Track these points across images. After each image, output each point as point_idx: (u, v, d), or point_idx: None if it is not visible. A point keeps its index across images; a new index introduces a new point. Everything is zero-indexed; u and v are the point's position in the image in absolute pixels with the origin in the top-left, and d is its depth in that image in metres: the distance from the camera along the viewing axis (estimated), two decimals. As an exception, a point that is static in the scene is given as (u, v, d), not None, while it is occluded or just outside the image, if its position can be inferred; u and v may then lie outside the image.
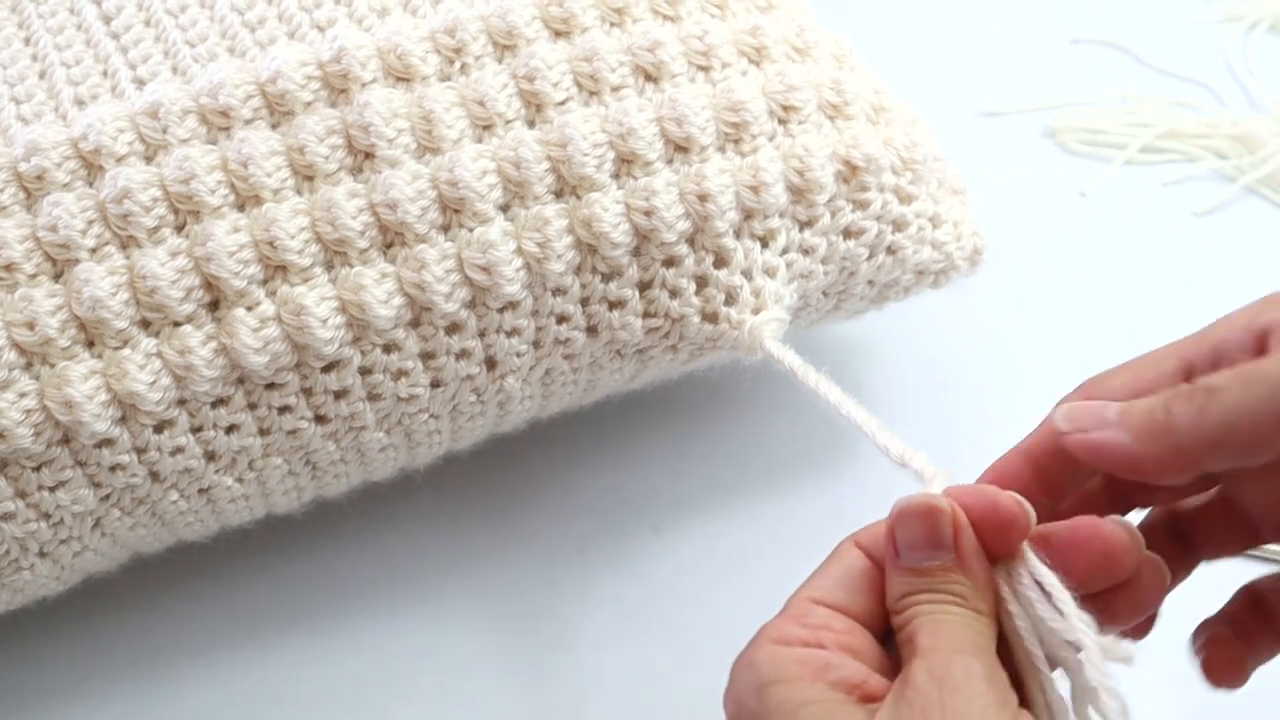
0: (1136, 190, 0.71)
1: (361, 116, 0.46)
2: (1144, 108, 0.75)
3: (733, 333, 0.48)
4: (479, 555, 0.55)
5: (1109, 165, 0.72)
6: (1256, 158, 0.71)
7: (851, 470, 0.57)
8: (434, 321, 0.46)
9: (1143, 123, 0.74)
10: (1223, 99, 0.76)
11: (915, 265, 0.53)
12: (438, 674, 0.51)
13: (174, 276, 0.43)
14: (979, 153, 0.70)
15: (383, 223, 0.45)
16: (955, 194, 0.56)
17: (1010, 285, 0.64)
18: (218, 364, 0.44)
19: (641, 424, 0.58)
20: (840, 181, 0.50)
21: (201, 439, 0.45)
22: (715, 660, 0.38)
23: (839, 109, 0.50)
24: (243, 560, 0.54)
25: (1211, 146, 0.73)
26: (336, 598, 0.53)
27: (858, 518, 0.39)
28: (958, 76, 0.76)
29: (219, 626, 0.52)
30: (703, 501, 0.56)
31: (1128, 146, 0.73)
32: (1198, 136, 0.73)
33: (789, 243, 0.49)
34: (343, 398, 0.46)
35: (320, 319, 0.44)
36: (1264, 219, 0.70)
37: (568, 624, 0.52)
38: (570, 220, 0.46)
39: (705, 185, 0.47)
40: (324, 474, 0.49)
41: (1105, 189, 0.71)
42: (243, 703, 0.50)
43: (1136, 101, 0.75)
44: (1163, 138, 0.73)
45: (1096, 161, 0.72)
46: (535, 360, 0.49)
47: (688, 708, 0.48)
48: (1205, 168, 0.72)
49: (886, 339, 0.63)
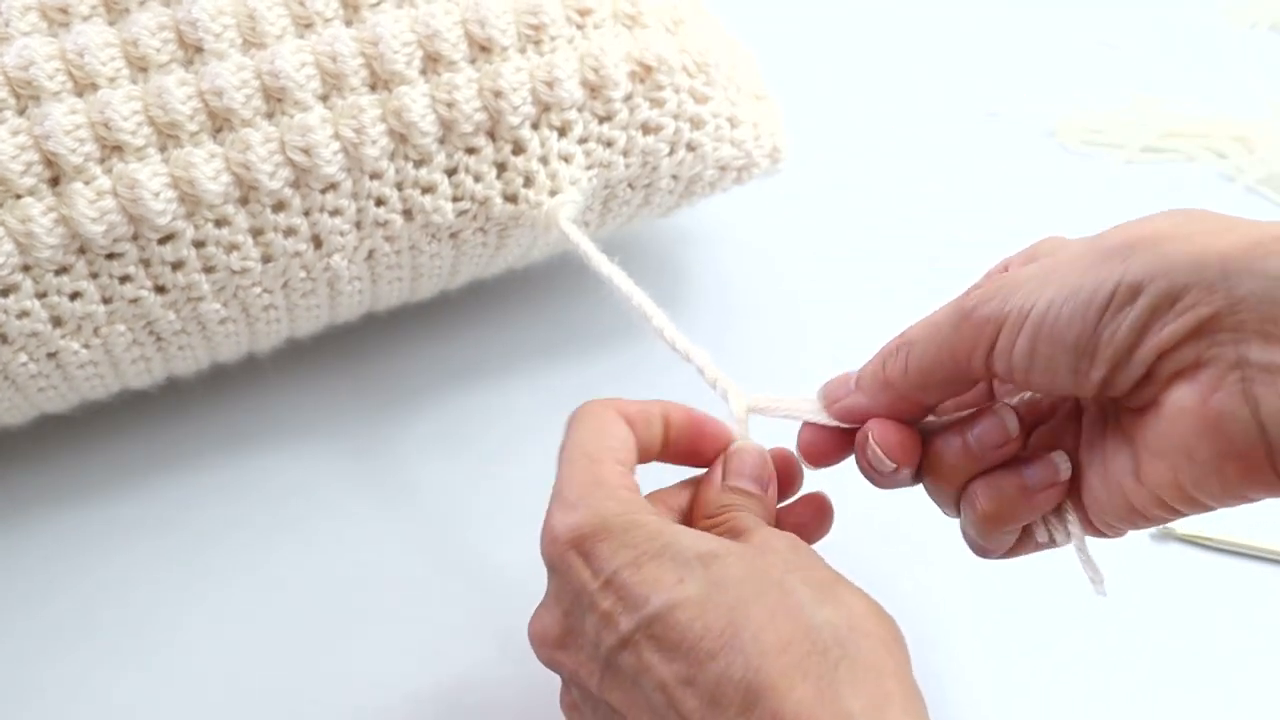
0: (1136, 190, 0.72)
1: (190, 13, 0.51)
2: (1144, 108, 0.75)
3: (531, 212, 0.54)
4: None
5: (1109, 165, 0.72)
6: (1256, 158, 0.72)
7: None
8: (261, 199, 0.51)
9: (1143, 123, 0.74)
10: (1223, 99, 0.77)
11: (716, 161, 0.59)
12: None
13: (14, 152, 0.49)
14: (980, 152, 0.74)
15: (210, 109, 0.51)
16: (757, 99, 0.62)
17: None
18: (58, 233, 0.49)
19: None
20: (635, 81, 0.56)
21: (47, 304, 0.50)
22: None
23: (634, 18, 0.56)
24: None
25: (1211, 146, 0.73)
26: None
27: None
28: (959, 77, 0.79)
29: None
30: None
31: (1128, 146, 0.73)
32: (1198, 136, 0.73)
33: (587, 134, 0.55)
34: (179, 269, 0.52)
35: (153, 192, 0.50)
36: (1264, 219, 0.74)
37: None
38: (383, 110, 0.52)
39: (499, 82, 0.53)
40: (169, 345, 0.54)
41: (1105, 189, 0.72)
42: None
43: (1136, 101, 0.76)
44: (1163, 138, 0.73)
45: (1096, 161, 0.73)
46: (359, 240, 0.54)
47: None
48: (1205, 168, 0.73)
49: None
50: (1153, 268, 0.38)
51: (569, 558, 0.41)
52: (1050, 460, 0.43)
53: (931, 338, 0.42)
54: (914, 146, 0.75)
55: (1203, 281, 0.37)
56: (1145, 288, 0.38)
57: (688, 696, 0.38)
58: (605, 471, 0.43)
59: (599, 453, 0.44)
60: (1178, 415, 0.38)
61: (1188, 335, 0.37)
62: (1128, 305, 0.38)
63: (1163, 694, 0.51)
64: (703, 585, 0.39)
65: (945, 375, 0.42)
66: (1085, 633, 0.53)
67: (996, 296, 0.40)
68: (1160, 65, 0.79)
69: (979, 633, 0.53)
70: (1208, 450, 0.38)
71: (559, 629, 0.42)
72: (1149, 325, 0.38)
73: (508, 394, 0.61)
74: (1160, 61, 0.79)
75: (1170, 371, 0.38)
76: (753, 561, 0.40)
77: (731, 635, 0.38)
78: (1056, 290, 0.39)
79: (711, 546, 0.41)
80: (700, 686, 0.38)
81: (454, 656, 0.52)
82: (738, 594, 0.39)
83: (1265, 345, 0.37)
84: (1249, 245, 0.37)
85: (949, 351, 0.41)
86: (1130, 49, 0.80)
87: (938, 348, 0.42)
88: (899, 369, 0.43)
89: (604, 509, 0.41)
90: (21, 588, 0.55)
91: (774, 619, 0.38)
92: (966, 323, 0.41)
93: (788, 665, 0.38)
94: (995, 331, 0.40)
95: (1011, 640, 0.53)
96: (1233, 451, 0.37)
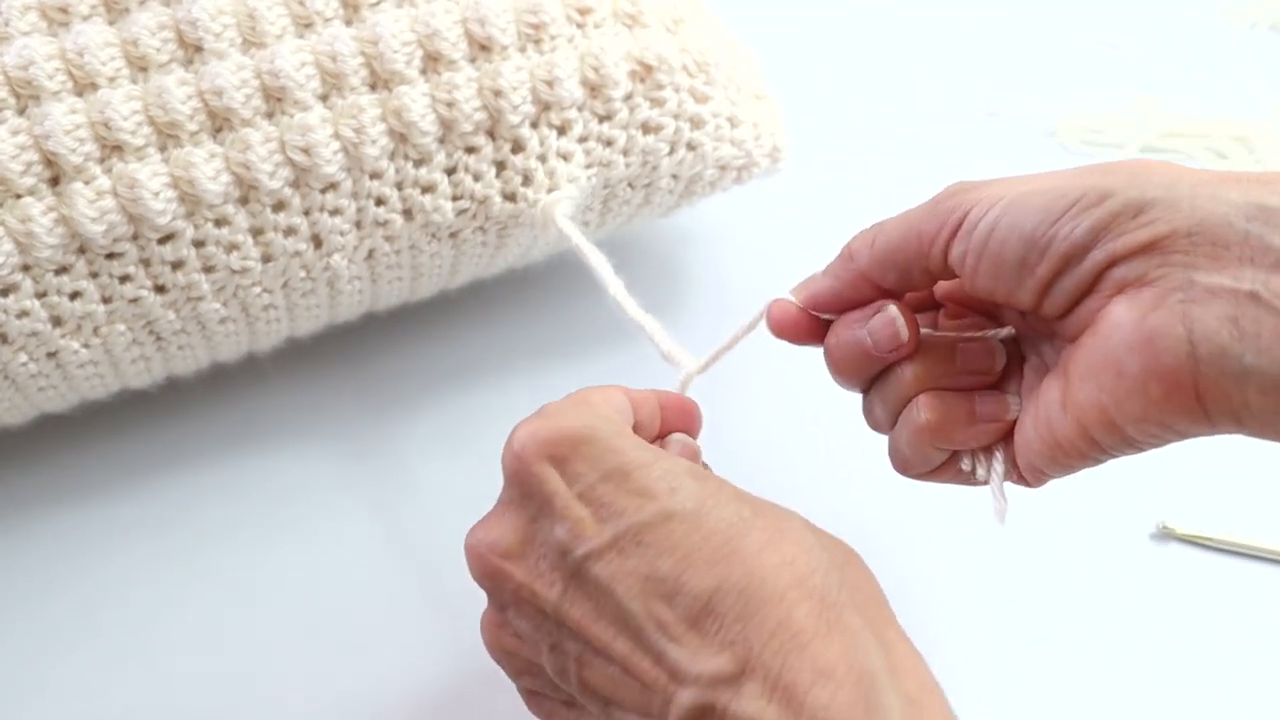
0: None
1: (190, 13, 0.51)
2: (1144, 108, 0.75)
3: (529, 210, 0.54)
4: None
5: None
6: (1256, 158, 0.72)
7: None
8: (261, 199, 0.51)
9: (1143, 123, 0.74)
10: (1223, 99, 0.76)
11: (716, 161, 0.59)
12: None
13: (14, 152, 0.49)
14: (980, 152, 0.74)
15: (210, 108, 0.51)
16: (757, 99, 0.62)
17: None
18: (57, 233, 0.49)
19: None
20: (635, 80, 0.56)
21: (46, 304, 0.50)
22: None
23: (635, 17, 0.56)
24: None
25: (1211, 146, 0.73)
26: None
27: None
28: (959, 77, 0.79)
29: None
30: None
31: (1127, 146, 0.73)
32: (1198, 136, 0.73)
33: (587, 132, 0.55)
34: (179, 268, 0.52)
35: (153, 192, 0.50)
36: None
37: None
38: (383, 110, 0.52)
39: (499, 82, 0.52)
40: (169, 344, 0.54)
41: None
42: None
43: (1136, 101, 0.76)
44: (1163, 138, 0.73)
45: (1097, 161, 0.74)
46: (359, 240, 0.54)
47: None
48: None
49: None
50: (1126, 181, 0.39)
51: (538, 467, 0.40)
52: (1003, 397, 0.44)
53: (903, 219, 0.43)
54: (914, 146, 0.74)
55: (1170, 199, 0.38)
56: (1114, 193, 0.39)
57: (675, 604, 0.37)
58: (592, 397, 0.43)
59: (590, 393, 0.44)
60: (1112, 330, 0.39)
61: (1142, 248, 0.38)
62: (1093, 207, 0.39)
63: (1163, 694, 0.51)
64: (698, 498, 0.39)
65: (908, 257, 0.43)
66: (1085, 633, 0.53)
67: (975, 190, 0.42)
68: (1160, 65, 0.79)
69: (979, 632, 0.53)
70: (1137, 365, 0.38)
71: (516, 537, 0.41)
72: (1108, 228, 0.39)
73: (508, 394, 0.61)
74: (1160, 61, 0.79)
75: (1115, 284, 0.39)
76: (741, 490, 0.41)
77: (731, 549, 0.38)
78: (1031, 187, 0.41)
79: (699, 470, 0.41)
80: (689, 594, 0.37)
81: (454, 655, 0.52)
82: (736, 510, 0.39)
83: (1213, 268, 0.37)
84: (1224, 177, 0.38)
85: (915, 232, 0.42)
86: (1130, 49, 0.80)
87: (907, 227, 0.43)
88: (866, 242, 0.44)
89: (587, 420, 0.41)
90: (21, 588, 0.55)
91: (774, 538, 0.38)
92: (940, 206, 0.42)
93: (792, 580, 0.37)
94: (964, 215, 0.41)
95: (1011, 640, 0.53)
96: (1160, 369, 0.38)
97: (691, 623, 0.37)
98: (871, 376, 0.45)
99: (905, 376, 0.44)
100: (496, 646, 0.43)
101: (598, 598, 0.39)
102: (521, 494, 0.41)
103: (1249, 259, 0.37)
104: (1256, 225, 0.37)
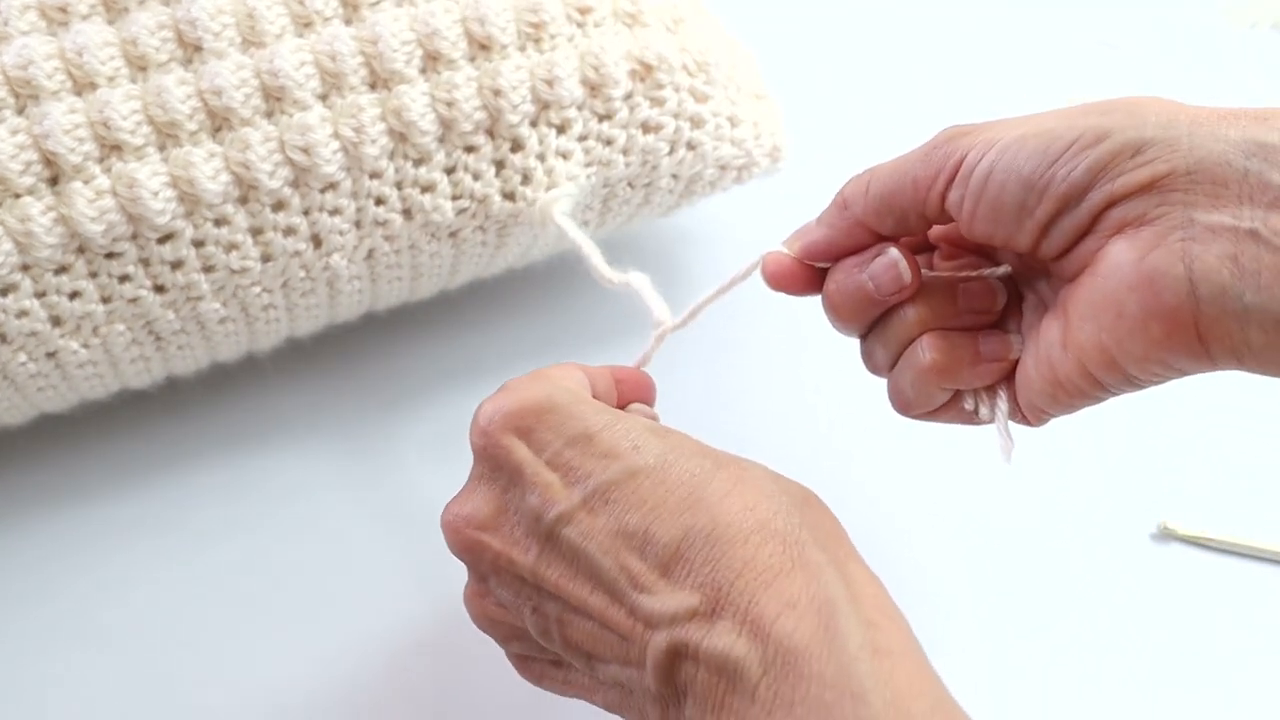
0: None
1: (189, 12, 0.51)
2: None
3: (529, 209, 0.54)
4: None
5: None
6: None
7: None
8: (260, 199, 0.51)
9: None
10: (1223, 99, 0.77)
11: (716, 160, 0.59)
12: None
13: (13, 151, 0.48)
14: None
15: (210, 108, 0.51)
16: (757, 99, 0.62)
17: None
18: (57, 232, 0.49)
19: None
20: (635, 79, 0.55)
21: (46, 303, 0.50)
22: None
23: (635, 17, 0.56)
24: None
25: None
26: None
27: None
28: (959, 77, 0.79)
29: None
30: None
31: None
32: None
33: (586, 131, 0.55)
34: (178, 268, 0.52)
35: (152, 191, 0.49)
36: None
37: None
38: (383, 109, 0.52)
39: (499, 81, 0.52)
40: (168, 344, 0.54)
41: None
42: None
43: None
44: None
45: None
46: (358, 240, 0.54)
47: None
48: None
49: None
50: (1124, 120, 0.39)
51: (505, 439, 0.41)
52: (1006, 337, 0.44)
53: (897, 165, 0.43)
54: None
55: (1169, 138, 0.38)
56: (1112, 134, 0.39)
57: (646, 555, 0.38)
58: (550, 372, 0.44)
59: (548, 369, 0.44)
60: (1112, 270, 0.39)
61: (1141, 187, 0.38)
62: (1090, 148, 0.39)
63: (1163, 694, 0.51)
64: (660, 453, 0.40)
65: (904, 202, 0.43)
66: (1086, 633, 0.53)
67: (970, 133, 0.42)
68: (1160, 65, 0.79)
69: (979, 632, 0.53)
70: (1137, 305, 0.38)
71: (490, 509, 0.42)
72: (1106, 168, 0.39)
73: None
74: (1160, 61, 0.79)
75: (1114, 224, 0.39)
76: (702, 444, 0.41)
77: (696, 498, 0.39)
78: (1027, 129, 0.40)
79: (660, 427, 0.42)
80: (659, 544, 0.38)
81: (454, 654, 0.52)
82: (698, 463, 0.40)
83: (1212, 207, 0.37)
84: (1222, 114, 0.39)
85: (911, 179, 0.42)
86: (1130, 49, 0.80)
87: (902, 173, 0.43)
88: (860, 189, 0.44)
89: (548, 390, 0.42)
90: (21, 588, 0.55)
91: (736, 486, 0.39)
92: (935, 151, 0.42)
93: (755, 524, 0.38)
94: (960, 160, 0.41)
95: (1011, 640, 0.53)
96: (1161, 308, 0.38)
97: (662, 570, 0.38)
98: (872, 320, 0.45)
99: (907, 318, 0.44)
100: (482, 616, 0.44)
101: (572, 558, 0.40)
102: (491, 467, 0.42)
103: (1248, 197, 0.37)
104: (1255, 162, 0.37)
